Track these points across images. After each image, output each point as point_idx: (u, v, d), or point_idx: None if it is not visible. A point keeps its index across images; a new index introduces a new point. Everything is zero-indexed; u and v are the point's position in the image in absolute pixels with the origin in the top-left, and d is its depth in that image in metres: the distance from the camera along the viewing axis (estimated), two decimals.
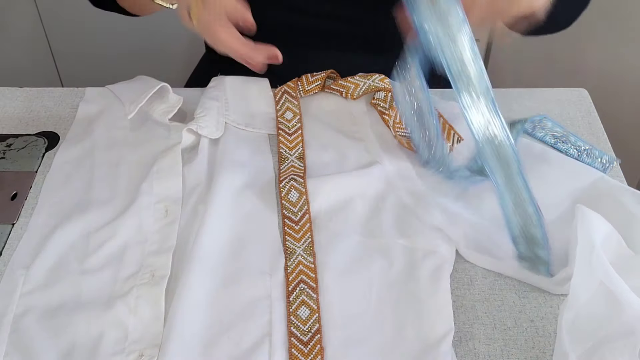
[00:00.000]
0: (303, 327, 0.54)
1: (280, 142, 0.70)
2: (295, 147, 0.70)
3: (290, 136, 0.71)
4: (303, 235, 0.61)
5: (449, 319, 0.54)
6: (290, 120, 0.72)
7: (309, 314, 0.55)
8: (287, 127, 0.72)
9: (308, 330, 0.54)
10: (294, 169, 0.67)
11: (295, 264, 0.59)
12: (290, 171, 0.67)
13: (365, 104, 0.74)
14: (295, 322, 0.55)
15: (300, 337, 0.54)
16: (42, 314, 0.56)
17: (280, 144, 0.70)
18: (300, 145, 0.70)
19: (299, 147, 0.70)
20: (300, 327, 0.54)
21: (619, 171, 0.69)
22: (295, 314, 0.55)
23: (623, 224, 0.55)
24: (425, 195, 0.63)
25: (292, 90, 0.75)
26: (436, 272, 0.57)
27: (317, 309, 0.55)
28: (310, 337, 0.53)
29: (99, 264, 0.59)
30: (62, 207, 0.65)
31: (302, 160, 0.68)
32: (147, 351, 0.53)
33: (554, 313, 0.57)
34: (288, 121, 0.72)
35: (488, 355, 0.54)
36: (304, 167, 0.68)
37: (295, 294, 0.56)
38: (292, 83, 0.75)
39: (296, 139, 0.71)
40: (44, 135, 0.74)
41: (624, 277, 0.49)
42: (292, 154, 0.69)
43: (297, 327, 0.54)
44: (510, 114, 0.76)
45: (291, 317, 0.55)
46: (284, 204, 0.64)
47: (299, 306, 0.56)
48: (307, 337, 0.54)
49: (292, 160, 0.69)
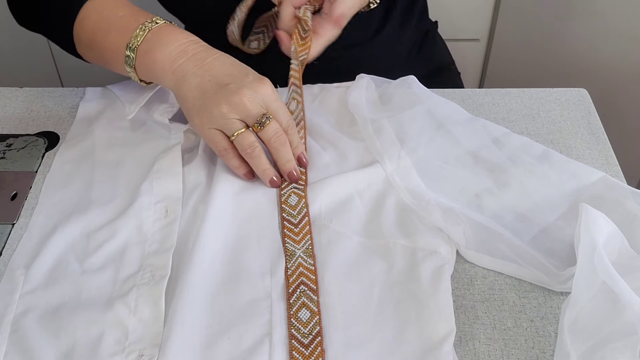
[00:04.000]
0: (304, 330, 0.54)
1: None
2: None
3: None
4: (303, 237, 0.61)
5: (450, 320, 0.54)
6: (293, 112, 0.72)
7: (309, 316, 0.55)
8: None
9: (309, 332, 0.54)
10: None
11: (295, 265, 0.59)
12: None
13: None
14: (296, 324, 0.54)
15: (301, 339, 0.53)
16: (42, 313, 0.56)
17: None
18: (303, 141, 0.70)
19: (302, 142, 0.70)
20: (300, 330, 0.54)
21: (619, 171, 0.69)
22: (295, 316, 0.55)
23: (625, 224, 0.55)
24: (426, 195, 0.63)
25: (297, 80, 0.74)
26: (437, 273, 0.57)
27: (318, 311, 0.55)
28: (311, 340, 0.53)
29: (99, 264, 0.59)
30: (63, 207, 0.65)
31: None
32: (147, 351, 0.53)
33: (554, 313, 0.57)
34: (291, 112, 0.72)
35: (488, 355, 0.54)
36: (306, 170, 0.68)
37: (295, 295, 0.56)
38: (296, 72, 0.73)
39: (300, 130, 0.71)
40: (44, 135, 0.74)
41: (626, 277, 0.49)
42: None
43: (297, 329, 0.54)
44: (510, 114, 0.76)
45: (292, 320, 0.55)
46: (284, 207, 0.64)
47: (300, 308, 0.56)
48: (308, 339, 0.53)
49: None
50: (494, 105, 0.77)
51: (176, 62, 0.65)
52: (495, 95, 0.79)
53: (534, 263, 0.58)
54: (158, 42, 0.67)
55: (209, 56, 0.66)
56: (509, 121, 0.75)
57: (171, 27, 0.68)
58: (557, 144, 0.72)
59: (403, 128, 0.69)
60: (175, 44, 0.66)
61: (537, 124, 0.75)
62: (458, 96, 0.78)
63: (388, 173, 0.66)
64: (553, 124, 0.75)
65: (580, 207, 0.53)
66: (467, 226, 0.60)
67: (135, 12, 0.70)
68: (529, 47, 1.48)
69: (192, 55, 0.65)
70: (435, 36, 1.02)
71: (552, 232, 0.61)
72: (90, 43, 0.72)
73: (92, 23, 0.71)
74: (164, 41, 0.67)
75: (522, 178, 0.65)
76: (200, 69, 0.64)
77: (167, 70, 0.66)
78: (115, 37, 0.69)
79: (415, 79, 0.74)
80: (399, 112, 0.70)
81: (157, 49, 0.66)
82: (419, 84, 0.73)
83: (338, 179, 0.65)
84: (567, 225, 0.60)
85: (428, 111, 0.71)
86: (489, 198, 0.63)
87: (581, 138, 0.73)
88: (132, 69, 0.69)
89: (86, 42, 0.72)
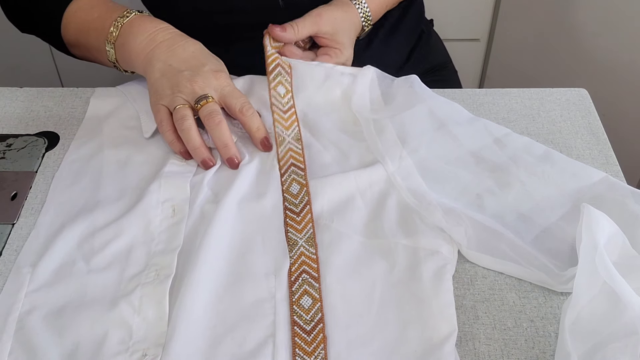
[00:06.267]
0: (306, 317, 0.55)
1: (275, 121, 0.70)
2: (290, 126, 0.70)
3: (285, 114, 0.71)
4: (305, 226, 0.61)
5: (452, 320, 0.54)
6: (283, 97, 0.72)
7: (311, 303, 0.55)
8: (280, 104, 0.72)
9: (311, 319, 0.54)
10: (293, 153, 0.68)
11: (297, 254, 0.59)
12: (290, 156, 0.67)
13: None
14: (298, 311, 0.55)
15: (304, 325, 0.54)
16: (48, 312, 0.56)
17: (275, 122, 0.70)
18: (295, 125, 0.71)
19: (295, 127, 0.70)
20: (303, 317, 0.55)
21: (619, 171, 0.69)
22: (297, 303, 0.56)
23: (626, 224, 0.55)
24: (427, 195, 0.63)
25: (287, 65, 0.75)
26: (439, 273, 0.57)
27: (320, 298, 0.56)
28: (313, 326, 0.54)
29: (105, 263, 0.59)
30: (70, 206, 0.65)
31: (300, 142, 0.69)
32: (151, 351, 0.53)
33: (554, 313, 0.57)
34: (281, 97, 0.72)
35: (488, 355, 0.54)
36: (302, 149, 0.68)
37: (297, 283, 0.57)
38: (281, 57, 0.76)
39: (291, 117, 0.71)
40: (44, 135, 0.74)
41: (627, 277, 0.49)
42: (289, 134, 0.70)
43: (300, 316, 0.55)
44: (510, 114, 0.76)
45: (294, 307, 0.55)
46: (286, 196, 0.64)
47: (302, 296, 0.56)
48: (310, 325, 0.54)
49: (290, 142, 0.69)
50: (494, 105, 0.77)
51: (146, 49, 0.72)
52: (495, 95, 0.79)
53: (536, 263, 0.58)
54: (130, 33, 0.73)
55: (175, 43, 0.72)
56: (509, 121, 0.75)
57: (141, 18, 0.74)
58: (557, 144, 0.72)
59: (404, 128, 0.69)
60: (145, 34, 0.72)
61: (537, 124, 0.75)
62: (458, 96, 0.78)
63: (389, 173, 0.66)
64: (553, 124, 0.75)
65: (582, 207, 0.53)
66: (469, 226, 0.60)
67: (109, 9, 0.76)
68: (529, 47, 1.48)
69: (159, 43, 0.72)
70: (430, 35, 1.02)
71: (553, 232, 0.61)
72: (77, 44, 0.79)
73: (73, 28, 0.77)
74: (135, 32, 0.73)
75: (524, 178, 0.65)
76: (165, 55, 0.71)
77: (140, 58, 0.72)
78: (94, 37, 0.75)
79: (417, 78, 0.74)
80: (400, 112, 0.70)
81: (130, 40, 0.73)
82: (420, 83, 0.73)
83: (340, 178, 0.65)
84: (569, 225, 0.60)
85: (429, 111, 0.71)
86: (490, 198, 0.63)
87: (581, 138, 0.73)
88: (115, 62, 0.76)
89: (74, 44, 0.79)
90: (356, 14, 0.81)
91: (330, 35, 0.78)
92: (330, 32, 0.78)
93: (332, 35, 0.78)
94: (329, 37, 0.78)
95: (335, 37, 0.78)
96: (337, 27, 0.78)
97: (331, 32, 0.78)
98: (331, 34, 0.78)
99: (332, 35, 0.78)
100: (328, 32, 0.78)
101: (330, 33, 0.78)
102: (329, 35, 0.78)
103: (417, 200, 0.63)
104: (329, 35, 0.78)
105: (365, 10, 0.81)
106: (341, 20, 0.79)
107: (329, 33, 0.78)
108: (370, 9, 0.82)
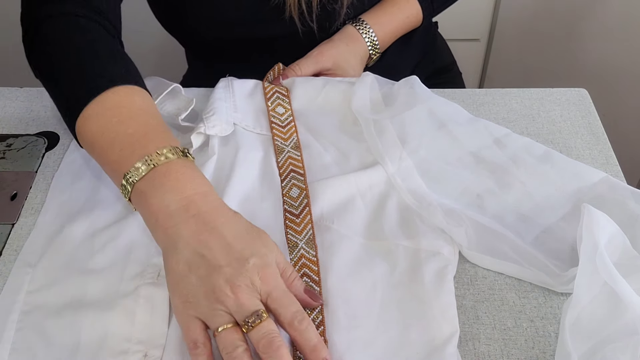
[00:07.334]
0: None
1: (275, 135, 0.71)
2: (289, 137, 0.71)
3: (284, 128, 0.71)
4: (304, 228, 0.61)
5: (453, 321, 0.54)
6: (282, 115, 0.73)
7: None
8: (279, 121, 0.72)
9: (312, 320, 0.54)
10: (292, 160, 0.68)
11: (297, 257, 0.59)
12: (289, 163, 0.67)
13: None
14: None
15: None
16: (48, 312, 0.56)
17: (274, 137, 0.70)
18: (294, 135, 0.71)
19: (294, 137, 0.70)
20: None
21: (619, 171, 0.69)
22: None
23: (627, 224, 0.55)
24: (427, 196, 0.63)
25: (284, 90, 0.75)
26: (440, 274, 0.57)
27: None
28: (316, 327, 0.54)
29: (105, 263, 0.59)
30: (70, 206, 0.65)
31: (299, 150, 0.68)
32: (151, 351, 0.53)
33: (554, 313, 0.57)
34: (280, 115, 0.73)
35: (488, 355, 0.54)
36: (301, 156, 0.68)
37: None
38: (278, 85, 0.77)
39: (290, 130, 0.71)
40: (44, 135, 0.74)
41: (628, 277, 0.49)
42: (287, 144, 0.70)
43: None
44: (510, 114, 0.76)
45: None
46: (285, 199, 0.64)
47: None
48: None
49: (289, 151, 0.69)
50: (494, 105, 0.77)
51: (172, 220, 0.53)
52: (495, 95, 0.79)
53: (536, 264, 0.58)
54: (159, 185, 0.54)
55: (212, 221, 0.53)
56: (509, 121, 0.75)
57: (182, 167, 0.55)
58: (557, 144, 0.72)
59: (404, 128, 0.69)
60: (178, 195, 0.54)
61: (537, 124, 0.75)
62: (458, 96, 0.78)
63: (390, 174, 0.66)
64: (553, 124, 0.75)
65: (582, 207, 0.53)
66: (469, 227, 0.60)
67: (148, 132, 0.58)
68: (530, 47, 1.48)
69: (194, 215, 0.53)
70: (435, 39, 1.02)
71: (554, 233, 0.61)
72: (90, 147, 0.60)
73: (96, 126, 0.58)
74: (166, 186, 0.54)
75: (524, 179, 0.65)
76: (196, 238, 0.52)
77: (160, 225, 0.53)
78: (116, 156, 0.57)
79: (417, 78, 0.74)
80: (400, 112, 0.70)
81: (154, 194, 0.54)
82: (420, 84, 0.73)
83: (340, 180, 0.65)
84: (569, 225, 0.60)
85: (429, 111, 0.71)
86: (490, 199, 0.63)
87: (581, 138, 0.73)
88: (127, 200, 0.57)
89: (87, 143, 0.60)
90: (362, 44, 0.83)
91: (333, 70, 0.81)
92: (332, 68, 0.81)
93: (334, 70, 0.81)
94: (332, 72, 0.81)
95: (337, 71, 0.81)
96: (339, 61, 0.81)
97: (333, 67, 0.81)
98: (334, 70, 0.81)
99: (334, 70, 0.81)
100: (330, 68, 0.81)
101: (333, 68, 0.81)
102: (332, 70, 0.81)
103: (418, 201, 0.63)
104: (331, 71, 0.81)
105: (372, 39, 0.84)
106: (344, 53, 0.82)
107: (332, 69, 0.81)
108: (378, 37, 0.84)
